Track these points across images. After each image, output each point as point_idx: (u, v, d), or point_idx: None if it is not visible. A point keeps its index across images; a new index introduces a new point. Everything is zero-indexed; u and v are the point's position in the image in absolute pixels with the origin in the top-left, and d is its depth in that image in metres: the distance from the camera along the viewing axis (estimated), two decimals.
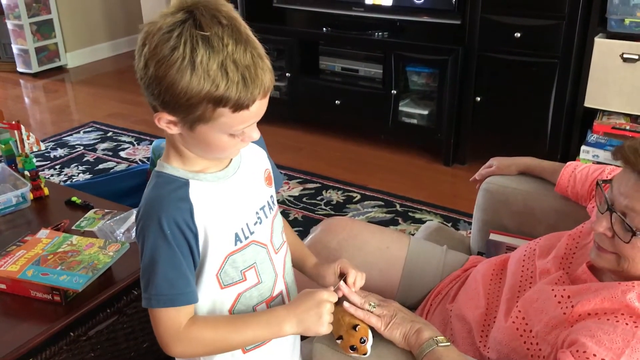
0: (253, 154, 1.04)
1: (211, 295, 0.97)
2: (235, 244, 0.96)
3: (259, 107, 0.87)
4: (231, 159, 0.98)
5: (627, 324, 0.97)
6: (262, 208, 1.01)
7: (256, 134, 0.92)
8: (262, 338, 0.99)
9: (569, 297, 1.08)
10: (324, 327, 0.98)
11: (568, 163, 1.50)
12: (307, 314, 0.97)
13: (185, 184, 0.92)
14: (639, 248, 1.01)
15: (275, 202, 1.07)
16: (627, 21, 2.54)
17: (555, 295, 1.10)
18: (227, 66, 0.81)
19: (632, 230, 1.00)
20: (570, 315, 1.04)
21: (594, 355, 0.93)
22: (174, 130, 0.89)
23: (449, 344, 1.02)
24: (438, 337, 1.02)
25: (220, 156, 0.95)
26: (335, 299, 1.01)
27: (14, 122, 1.89)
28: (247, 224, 0.97)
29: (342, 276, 1.09)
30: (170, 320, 0.92)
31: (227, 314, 0.99)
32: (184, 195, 0.91)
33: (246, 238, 0.97)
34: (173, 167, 0.93)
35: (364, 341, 1.03)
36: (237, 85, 0.81)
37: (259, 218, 0.99)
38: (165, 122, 0.88)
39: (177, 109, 0.84)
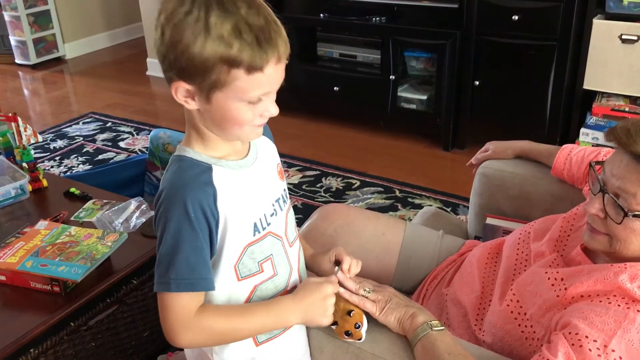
0: (267, 147, 1.05)
1: (228, 287, 0.97)
2: (254, 234, 0.96)
3: (274, 73, 0.86)
4: (249, 150, 0.98)
5: (619, 305, 0.97)
6: (277, 200, 1.02)
7: (274, 109, 0.91)
8: (268, 328, 1.00)
9: (562, 279, 1.08)
10: (328, 319, 1.02)
11: (564, 146, 1.50)
12: (312, 306, 0.99)
13: (208, 168, 0.92)
14: (631, 229, 1.01)
15: (288, 195, 1.07)
16: (625, 2, 2.52)
17: (548, 278, 1.10)
18: (240, 28, 0.81)
19: (624, 211, 1.00)
20: (564, 298, 1.05)
21: (586, 337, 0.94)
22: (192, 104, 0.89)
23: (443, 328, 1.02)
24: (432, 322, 1.02)
25: (239, 134, 0.93)
26: (338, 289, 1.03)
27: (10, 115, 1.89)
28: (264, 215, 0.98)
29: (338, 264, 1.10)
30: (183, 307, 0.91)
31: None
32: (208, 180, 0.91)
33: (264, 229, 0.97)
34: (195, 152, 0.93)
35: (359, 326, 1.04)
36: (251, 46, 0.82)
37: (274, 210, 1.00)
38: (182, 93, 0.88)
39: (193, 75, 0.84)
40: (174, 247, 0.89)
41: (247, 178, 0.96)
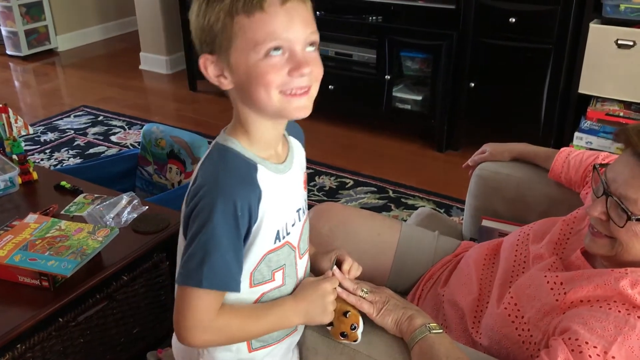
0: (300, 155, 1.03)
1: (239, 293, 0.94)
2: (275, 242, 0.94)
3: (284, 15, 0.81)
4: (287, 156, 0.96)
5: (619, 311, 0.96)
6: (298, 210, 1.00)
7: (305, 67, 0.83)
8: (272, 330, 0.99)
9: (561, 283, 1.07)
10: (328, 317, 1.01)
11: (562, 149, 1.49)
12: (312, 305, 0.99)
13: (255, 167, 0.90)
14: (634, 232, 1.01)
15: (307, 207, 1.05)
16: (622, 7, 2.53)
17: (547, 282, 1.10)
18: None
19: (627, 215, 1.00)
20: (563, 302, 1.04)
21: (586, 342, 0.93)
22: (225, 82, 0.87)
23: (441, 331, 1.01)
24: (430, 324, 1.01)
25: (272, 105, 0.85)
26: (336, 285, 1.02)
27: (1, 106, 1.86)
28: (286, 223, 0.96)
29: (339, 265, 1.08)
30: (207, 306, 0.88)
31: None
32: (255, 180, 0.89)
33: (283, 237, 0.96)
34: (242, 146, 0.90)
35: (355, 328, 1.02)
36: None
37: (294, 220, 0.98)
38: (212, 71, 0.86)
39: (209, 41, 0.84)
40: (213, 242, 0.85)
41: (282, 184, 0.94)
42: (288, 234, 0.96)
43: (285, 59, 0.83)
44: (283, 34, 0.82)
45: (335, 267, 1.07)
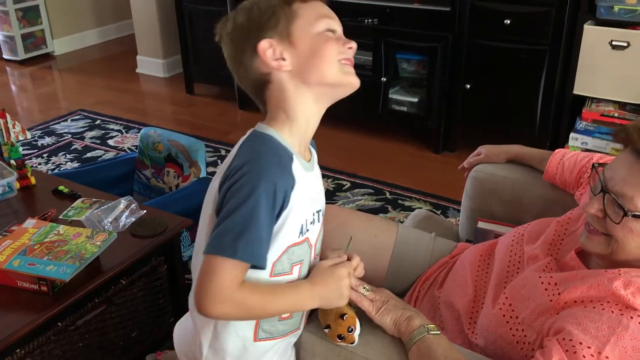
0: (317, 163, 1.08)
1: (258, 280, 0.97)
2: (299, 236, 0.98)
3: (327, 6, 1.00)
4: (311, 157, 1.04)
5: (612, 311, 0.97)
6: (319, 211, 1.05)
7: (352, 43, 0.99)
8: (288, 310, 1.02)
9: (555, 284, 1.08)
10: (344, 301, 1.04)
11: (556, 151, 1.51)
12: (328, 289, 1.01)
13: (291, 157, 0.96)
14: (629, 229, 1.02)
15: (324, 212, 1.10)
16: (616, 8, 2.54)
17: (542, 283, 1.11)
18: None
19: (623, 211, 1.01)
20: (557, 303, 1.05)
21: (580, 343, 0.94)
22: (285, 63, 0.95)
23: (439, 332, 1.02)
24: (429, 325, 1.03)
25: (335, 75, 0.97)
26: (351, 269, 1.05)
27: None
28: (307, 220, 1.00)
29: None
30: (233, 277, 0.90)
31: None
32: (291, 169, 0.95)
33: (304, 233, 0.99)
34: (281, 137, 0.97)
35: (352, 330, 1.03)
36: None
37: (314, 219, 1.03)
38: (271, 55, 0.95)
39: (268, 26, 0.95)
40: (251, 218, 0.89)
41: (308, 180, 1.00)
42: (308, 230, 1.00)
43: (336, 37, 0.98)
44: (332, 18, 0.99)
45: (348, 245, 1.09)
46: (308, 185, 0.99)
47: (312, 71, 0.96)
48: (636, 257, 1.04)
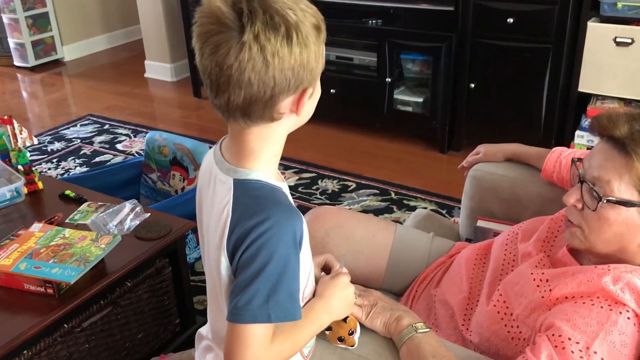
0: None
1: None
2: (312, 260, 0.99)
3: None
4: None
5: (602, 307, 0.98)
6: None
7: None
8: (314, 334, 0.99)
9: (547, 280, 1.09)
10: (352, 308, 1.05)
11: (554, 149, 1.51)
12: (337, 300, 1.00)
13: (284, 193, 0.91)
14: (605, 218, 1.03)
15: None
16: (619, 5, 2.54)
17: (534, 279, 1.12)
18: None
19: (598, 196, 1.03)
20: (548, 299, 1.06)
21: (569, 338, 0.95)
22: (300, 108, 0.87)
23: (428, 330, 1.03)
24: (417, 324, 1.04)
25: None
26: (350, 278, 1.04)
27: (6, 117, 1.90)
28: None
29: (326, 271, 1.10)
30: (264, 339, 0.85)
31: None
32: (292, 204, 0.90)
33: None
34: (268, 176, 0.90)
35: (352, 333, 1.04)
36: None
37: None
38: (302, 103, 0.87)
39: (314, 77, 0.86)
40: (279, 277, 0.84)
41: None
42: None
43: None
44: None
45: (322, 274, 1.08)
46: None
47: (309, 113, 0.91)
48: (616, 248, 1.06)
